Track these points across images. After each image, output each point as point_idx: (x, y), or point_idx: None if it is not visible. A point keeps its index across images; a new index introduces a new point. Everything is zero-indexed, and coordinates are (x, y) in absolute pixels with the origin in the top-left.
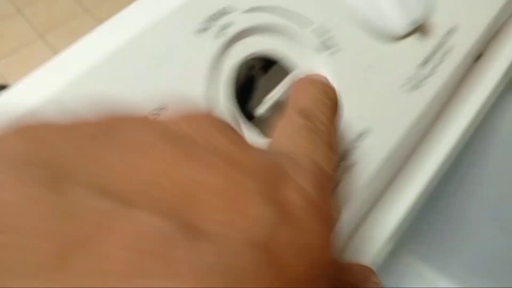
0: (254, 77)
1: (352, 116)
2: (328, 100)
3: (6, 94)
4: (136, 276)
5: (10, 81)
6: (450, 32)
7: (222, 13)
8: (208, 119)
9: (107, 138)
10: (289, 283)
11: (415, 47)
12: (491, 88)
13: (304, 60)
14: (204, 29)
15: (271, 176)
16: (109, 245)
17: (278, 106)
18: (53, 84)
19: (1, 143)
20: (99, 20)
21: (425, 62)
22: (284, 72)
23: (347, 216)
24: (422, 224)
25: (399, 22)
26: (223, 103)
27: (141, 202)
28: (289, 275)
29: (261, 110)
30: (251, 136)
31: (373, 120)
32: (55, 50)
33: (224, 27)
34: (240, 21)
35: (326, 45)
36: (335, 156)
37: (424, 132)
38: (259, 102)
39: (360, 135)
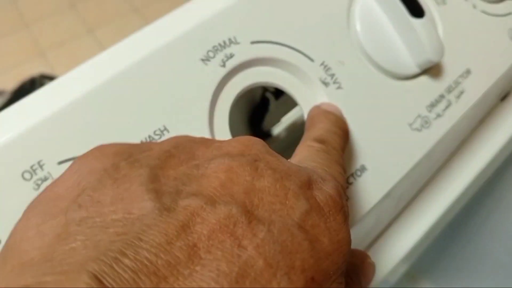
0: (268, 100)
1: (354, 149)
2: (339, 130)
3: (51, 84)
4: (214, 246)
5: (58, 71)
6: (462, 76)
7: (229, 42)
8: (252, 140)
9: (181, 154)
10: (318, 253)
11: (425, 87)
12: None
13: (309, 92)
14: (210, 57)
15: (303, 180)
16: (202, 227)
17: (292, 127)
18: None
19: (98, 155)
20: (147, 20)
21: (435, 103)
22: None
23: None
24: (444, 254)
25: (409, 62)
26: (223, 128)
27: (219, 199)
28: (318, 247)
29: (278, 129)
30: None
31: (375, 155)
32: (102, 46)
33: (230, 56)
34: (246, 52)
35: (333, 79)
36: (344, 173)
37: (441, 165)
38: (272, 123)
39: (360, 169)
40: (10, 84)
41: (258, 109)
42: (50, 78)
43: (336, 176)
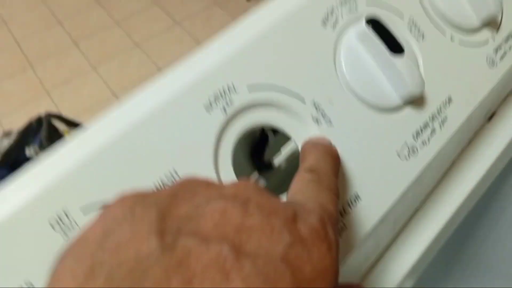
0: (267, 135)
1: (347, 179)
2: (328, 156)
3: (68, 142)
4: (206, 280)
5: (63, 109)
6: (445, 104)
7: (228, 90)
8: (246, 184)
9: (186, 194)
10: (300, 281)
11: (410, 118)
12: (504, 145)
13: (303, 130)
14: (212, 105)
15: (288, 215)
16: (197, 264)
17: (292, 157)
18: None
19: (118, 205)
20: (148, 54)
21: (420, 132)
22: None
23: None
24: (448, 273)
25: (393, 96)
26: (227, 168)
27: (213, 238)
28: (300, 276)
29: (279, 159)
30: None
31: (368, 184)
32: (106, 82)
33: (230, 103)
34: (244, 98)
35: (324, 117)
36: (337, 198)
37: (434, 186)
38: (272, 153)
39: (355, 198)
40: (17, 124)
41: (259, 144)
42: (57, 116)
43: (325, 204)
